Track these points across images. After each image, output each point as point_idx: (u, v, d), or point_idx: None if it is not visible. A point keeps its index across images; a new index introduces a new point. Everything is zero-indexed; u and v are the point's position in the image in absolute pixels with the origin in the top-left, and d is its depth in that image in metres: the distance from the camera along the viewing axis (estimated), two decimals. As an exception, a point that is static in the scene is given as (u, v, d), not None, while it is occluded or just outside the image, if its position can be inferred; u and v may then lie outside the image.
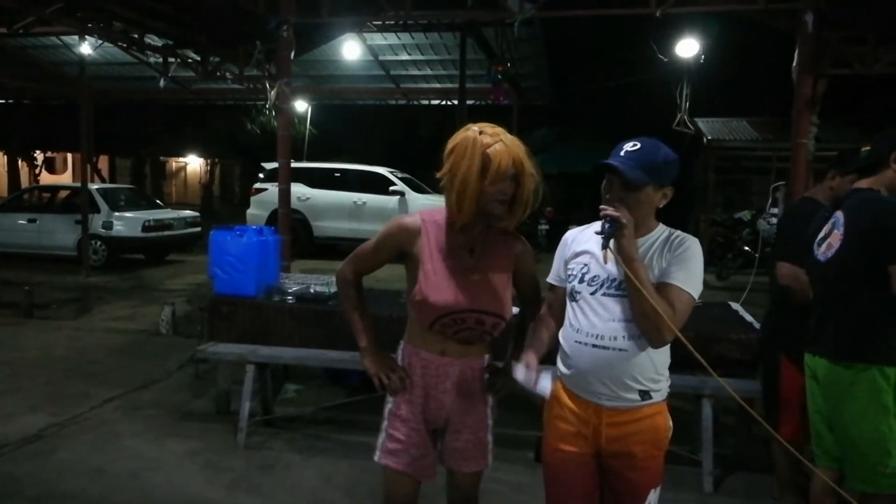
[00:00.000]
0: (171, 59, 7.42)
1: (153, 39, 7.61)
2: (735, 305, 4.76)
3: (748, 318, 4.31)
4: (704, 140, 14.10)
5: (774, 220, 8.08)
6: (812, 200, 3.21)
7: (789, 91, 5.30)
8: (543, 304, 2.23)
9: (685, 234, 2.00)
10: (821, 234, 2.65)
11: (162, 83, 7.64)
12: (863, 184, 2.58)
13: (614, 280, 1.96)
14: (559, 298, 2.13)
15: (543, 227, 15.48)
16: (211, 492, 3.51)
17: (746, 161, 14.77)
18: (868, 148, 2.67)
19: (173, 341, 6.48)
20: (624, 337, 1.94)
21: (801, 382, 3.09)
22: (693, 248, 1.97)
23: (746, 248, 10.73)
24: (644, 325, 1.89)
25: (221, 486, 3.57)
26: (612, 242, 1.89)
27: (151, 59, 8.40)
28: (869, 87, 11.47)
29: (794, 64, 5.10)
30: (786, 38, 5.41)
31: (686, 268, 1.94)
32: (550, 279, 2.19)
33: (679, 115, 8.35)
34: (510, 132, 2.06)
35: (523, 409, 3.13)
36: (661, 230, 2.03)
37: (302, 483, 3.61)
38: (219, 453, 3.94)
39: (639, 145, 1.94)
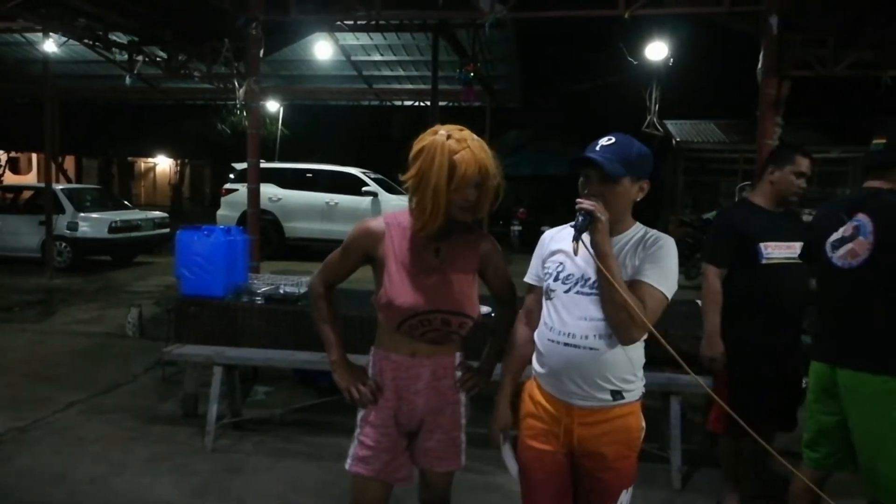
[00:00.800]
0: (137, 57, 7.27)
1: (119, 37, 7.47)
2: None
3: (715, 315, 4.37)
4: (673, 142, 14.31)
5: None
6: (747, 203, 3.22)
7: (755, 94, 5.40)
8: (520, 312, 2.23)
9: (660, 234, 2.01)
10: (836, 236, 2.50)
11: (128, 80, 7.49)
12: (876, 183, 2.45)
13: (588, 279, 1.96)
14: (538, 298, 2.13)
15: (516, 228, 15.57)
16: (177, 496, 3.44)
17: (714, 163, 15.03)
18: (882, 141, 2.46)
19: (140, 344, 6.37)
20: (595, 336, 1.93)
21: (725, 378, 3.17)
22: (667, 247, 1.96)
23: (714, 248, 10.85)
24: (614, 321, 1.89)
25: (188, 490, 3.51)
26: (584, 236, 1.90)
27: (117, 58, 8.23)
28: (831, 90, 11.75)
29: (759, 66, 5.21)
30: (750, 41, 5.51)
31: (659, 266, 1.93)
32: (528, 279, 2.19)
33: (649, 118, 8.46)
34: (482, 134, 2.06)
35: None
36: (637, 229, 2.03)
37: (270, 487, 3.57)
38: (185, 457, 3.87)
39: (613, 139, 1.97)
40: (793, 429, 3.16)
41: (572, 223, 1.93)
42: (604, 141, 1.97)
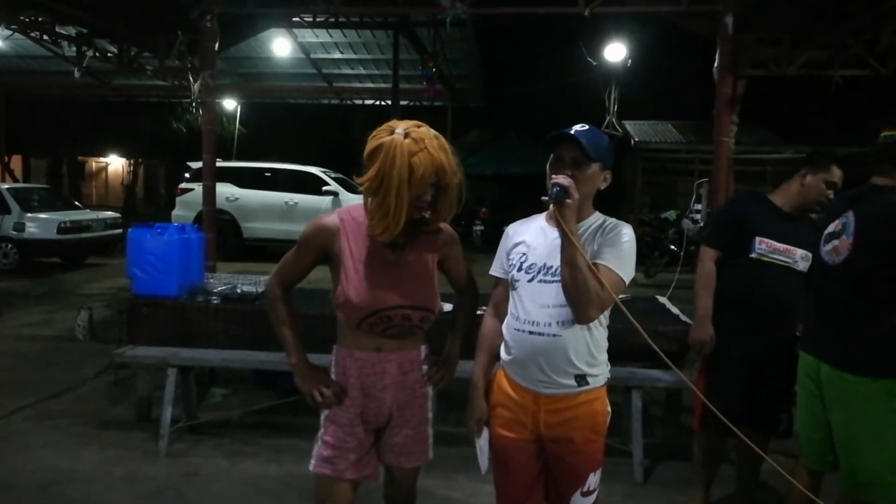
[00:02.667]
0: (87, 51, 7.00)
1: (67, 30, 7.20)
2: (662, 299, 4.89)
3: (675, 310, 4.43)
4: (632, 142, 14.52)
5: (698, 218, 8.39)
6: (763, 198, 3.13)
7: (710, 95, 5.50)
8: (489, 304, 2.24)
9: (619, 221, 2.06)
10: (829, 229, 2.48)
11: (77, 74, 7.21)
12: (881, 180, 2.37)
13: (550, 267, 2.00)
14: (505, 290, 2.17)
15: (478, 227, 15.60)
16: (130, 502, 3.32)
17: (671, 163, 15.29)
18: (892, 133, 2.39)
19: (90, 347, 6.14)
20: (557, 323, 1.97)
21: (703, 374, 3.16)
22: (625, 234, 2.01)
23: (672, 246, 11.08)
24: (574, 297, 1.91)
25: (141, 495, 3.38)
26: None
27: (66, 52, 7.93)
28: (784, 91, 12.09)
29: (716, 65, 5.31)
30: (707, 44, 5.61)
31: (616, 250, 1.97)
32: (494, 271, 2.20)
33: (608, 118, 8.58)
34: (443, 133, 2.01)
35: (458, 405, 3.10)
36: (597, 217, 2.08)
37: (228, 490, 3.47)
38: (138, 462, 3.74)
39: (587, 126, 2.01)
40: (777, 432, 3.07)
41: (544, 197, 1.95)
42: (578, 126, 2.00)
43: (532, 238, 2.08)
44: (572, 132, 1.97)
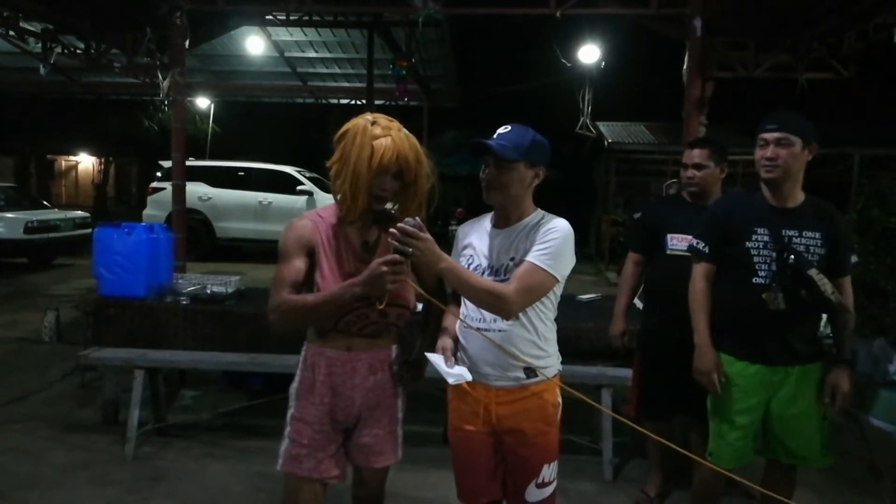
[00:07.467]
0: (52, 46, 6.85)
1: (33, 25, 7.04)
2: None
3: (644, 310, 4.47)
4: (605, 143, 14.63)
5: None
6: (673, 197, 3.40)
7: (681, 97, 5.58)
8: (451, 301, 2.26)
9: (555, 218, 2.08)
10: None
11: (42, 70, 7.06)
12: None
13: (493, 268, 2.06)
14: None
15: (454, 227, 15.62)
16: (94, 507, 3.27)
17: (644, 164, 15.44)
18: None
19: (57, 349, 6.03)
20: (501, 318, 2.03)
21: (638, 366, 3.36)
22: (558, 229, 2.02)
23: (645, 246, 11.17)
24: (485, 307, 2.01)
25: (108, 499, 3.33)
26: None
27: (32, 49, 7.76)
28: (752, 93, 12.28)
29: (685, 67, 5.39)
30: (677, 46, 5.70)
31: (544, 246, 1.99)
32: None
33: (582, 119, 8.65)
34: (419, 133, 2.04)
35: (428, 405, 3.10)
36: (536, 215, 2.11)
37: (196, 493, 3.43)
38: (104, 466, 3.68)
39: (510, 128, 2.06)
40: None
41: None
42: (501, 129, 2.06)
43: (477, 240, 2.14)
44: (487, 140, 2.01)
